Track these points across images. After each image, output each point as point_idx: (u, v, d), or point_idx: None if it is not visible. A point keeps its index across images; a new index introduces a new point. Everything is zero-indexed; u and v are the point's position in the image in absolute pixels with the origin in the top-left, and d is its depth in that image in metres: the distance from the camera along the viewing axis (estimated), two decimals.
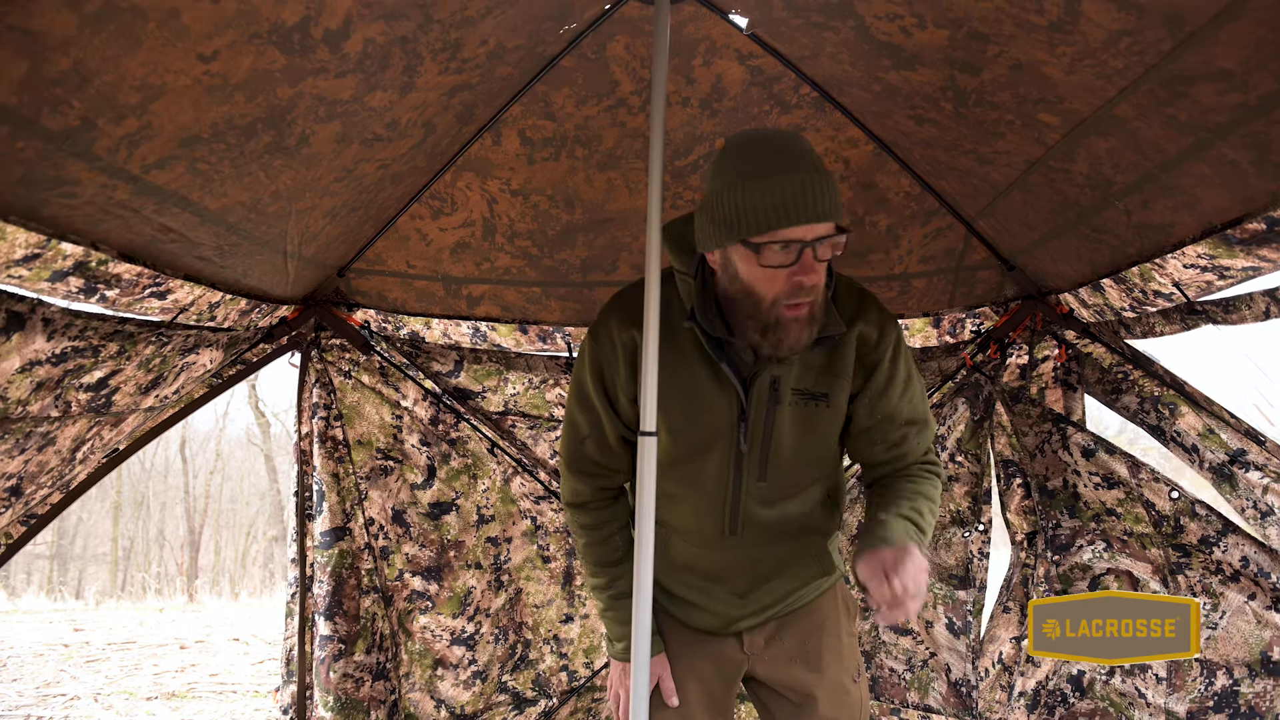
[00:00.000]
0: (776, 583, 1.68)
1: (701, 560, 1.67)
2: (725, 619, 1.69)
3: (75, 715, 4.53)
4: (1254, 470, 1.99)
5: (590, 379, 1.59)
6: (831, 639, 1.73)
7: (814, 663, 1.70)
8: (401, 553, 2.76)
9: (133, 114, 1.19)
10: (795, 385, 1.52)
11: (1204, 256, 1.64)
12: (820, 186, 1.30)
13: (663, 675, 1.67)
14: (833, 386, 1.54)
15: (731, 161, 1.34)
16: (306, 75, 1.43)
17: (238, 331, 2.10)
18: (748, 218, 1.30)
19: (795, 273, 1.34)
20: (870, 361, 1.55)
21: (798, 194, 1.28)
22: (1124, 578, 2.34)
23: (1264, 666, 2.05)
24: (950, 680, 2.82)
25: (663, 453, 1.57)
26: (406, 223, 2.48)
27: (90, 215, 1.30)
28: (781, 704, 1.73)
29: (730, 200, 1.31)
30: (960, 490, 2.79)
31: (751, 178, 1.30)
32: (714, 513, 1.60)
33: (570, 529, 1.77)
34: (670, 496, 1.62)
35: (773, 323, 1.38)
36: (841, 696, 1.71)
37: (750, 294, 1.38)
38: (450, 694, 2.82)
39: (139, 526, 19.73)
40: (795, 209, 1.29)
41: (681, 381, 1.53)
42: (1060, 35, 1.43)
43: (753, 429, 1.53)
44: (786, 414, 1.53)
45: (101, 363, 1.54)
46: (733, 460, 1.55)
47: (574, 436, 1.66)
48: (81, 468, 1.90)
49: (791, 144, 1.34)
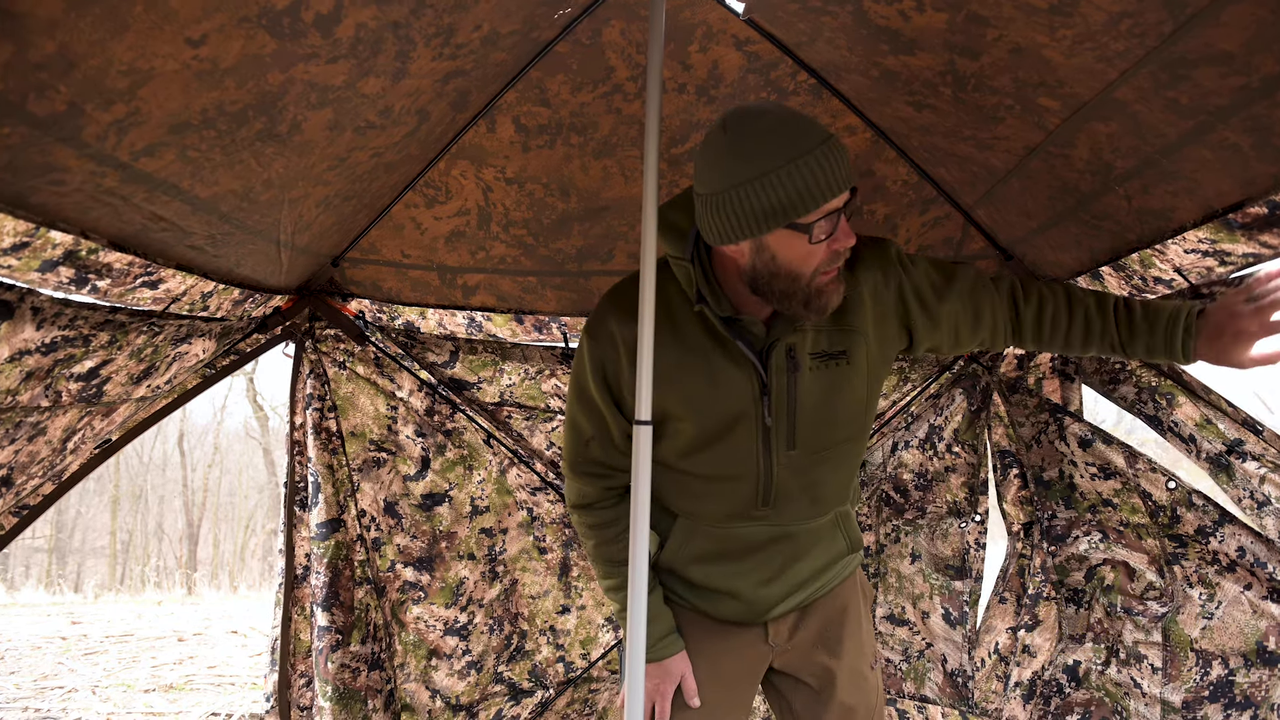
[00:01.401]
0: (806, 561, 1.67)
1: (732, 542, 1.64)
2: (754, 606, 1.67)
3: (73, 708, 4.53)
4: (1251, 460, 1.99)
5: (592, 379, 1.57)
6: (853, 625, 1.73)
7: (835, 648, 1.70)
8: (393, 544, 2.75)
9: (121, 99, 1.18)
10: (811, 349, 1.52)
11: (1205, 241, 1.63)
12: (843, 151, 1.32)
13: (685, 674, 1.65)
14: (849, 342, 1.54)
15: (750, 147, 1.31)
16: (297, 61, 1.41)
17: (231, 321, 2.09)
18: (794, 201, 1.29)
19: (834, 241, 1.35)
20: (897, 295, 1.56)
21: (835, 165, 1.30)
22: (1120, 568, 2.33)
23: (1260, 656, 2.05)
24: (946, 670, 2.82)
25: (685, 441, 1.56)
26: (401, 211, 2.47)
27: (79, 203, 1.29)
28: (799, 690, 1.72)
29: (767, 188, 1.29)
30: (957, 481, 2.78)
31: (788, 160, 1.28)
32: (745, 489, 1.59)
33: (577, 532, 1.76)
34: (694, 483, 1.61)
35: (814, 291, 1.39)
36: (860, 683, 1.71)
37: (791, 273, 1.37)
38: (445, 684, 2.82)
39: (137, 520, 19.74)
40: (835, 180, 1.30)
41: (693, 368, 1.52)
42: (1060, 18, 1.41)
43: (775, 400, 1.52)
44: (807, 379, 1.52)
45: (92, 352, 1.53)
46: (760, 434, 1.54)
47: (577, 439, 1.64)
48: (73, 458, 1.89)
49: (798, 115, 1.34)
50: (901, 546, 2.91)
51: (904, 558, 2.91)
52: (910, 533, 2.89)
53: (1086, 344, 1.63)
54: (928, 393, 2.83)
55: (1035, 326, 1.64)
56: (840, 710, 1.68)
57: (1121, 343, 1.60)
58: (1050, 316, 1.63)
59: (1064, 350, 1.66)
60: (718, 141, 1.35)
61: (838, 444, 1.60)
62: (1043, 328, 1.64)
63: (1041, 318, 1.63)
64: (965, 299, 1.60)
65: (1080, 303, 1.63)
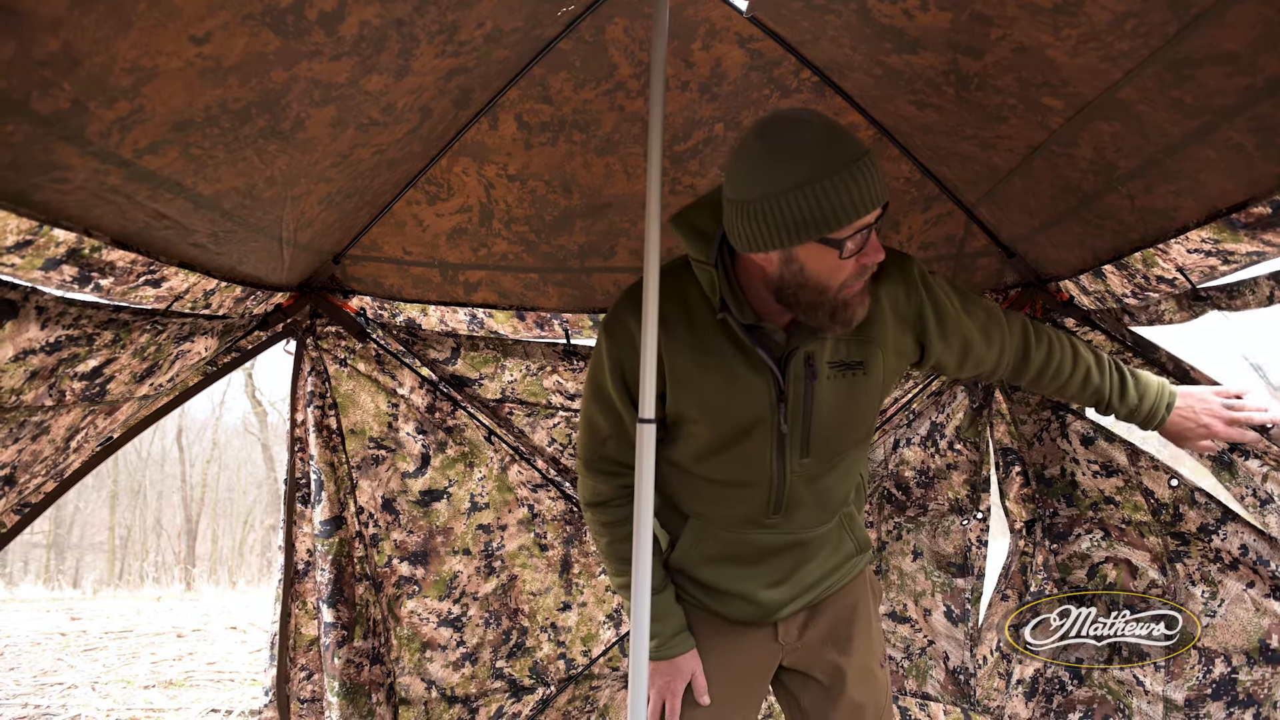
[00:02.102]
0: (815, 563, 1.68)
1: (743, 546, 1.65)
2: (764, 607, 1.67)
3: (73, 704, 4.53)
4: (1253, 458, 1.99)
5: (610, 378, 1.57)
6: (862, 623, 1.74)
7: (844, 646, 1.71)
8: (390, 539, 2.76)
9: (124, 97, 1.17)
10: (830, 358, 1.52)
11: (1208, 241, 1.63)
12: (876, 165, 1.31)
13: (695, 673, 1.66)
14: (867, 354, 1.54)
15: (787, 156, 1.29)
16: (301, 58, 1.41)
17: (233, 319, 2.08)
18: (828, 216, 1.28)
19: (863, 256, 1.35)
20: (917, 313, 1.58)
21: (869, 181, 1.29)
22: (1122, 566, 2.33)
23: (1262, 654, 2.05)
24: (948, 668, 2.82)
25: (700, 445, 1.56)
26: (403, 209, 2.46)
27: (82, 201, 1.29)
28: (808, 687, 1.72)
29: (803, 200, 1.28)
30: (959, 478, 2.79)
31: (825, 174, 1.27)
32: (758, 496, 1.59)
33: (591, 530, 1.76)
34: (708, 487, 1.61)
35: (841, 304, 1.39)
36: (869, 680, 1.72)
37: (819, 285, 1.37)
38: (440, 675, 2.83)
39: (136, 515, 19.74)
40: (870, 197, 1.29)
41: (712, 371, 1.52)
42: (1065, 17, 1.41)
43: (792, 408, 1.52)
44: (824, 387, 1.52)
45: (96, 351, 1.53)
46: (774, 441, 1.54)
47: (594, 438, 1.64)
48: (75, 456, 1.88)
49: (837, 126, 1.32)
50: (903, 544, 2.92)
51: (906, 555, 2.91)
52: (912, 530, 2.90)
53: (1077, 398, 1.77)
54: (930, 390, 2.83)
55: (1040, 371, 1.73)
56: (849, 707, 1.69)
57: (1110, 407, 1.75)
58: (1055, 366, 1.71)
59: (1048, 394, 1.78)
60: (753, 148, 1.33)
61: (847, 452, 1.62)
62: (1045, 374, 1.73)
63: (1048, 365, 1.72)
64: (979, 325, 1.64)
65: (1084, 360, 1.73)
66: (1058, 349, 1.72)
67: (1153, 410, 1.73)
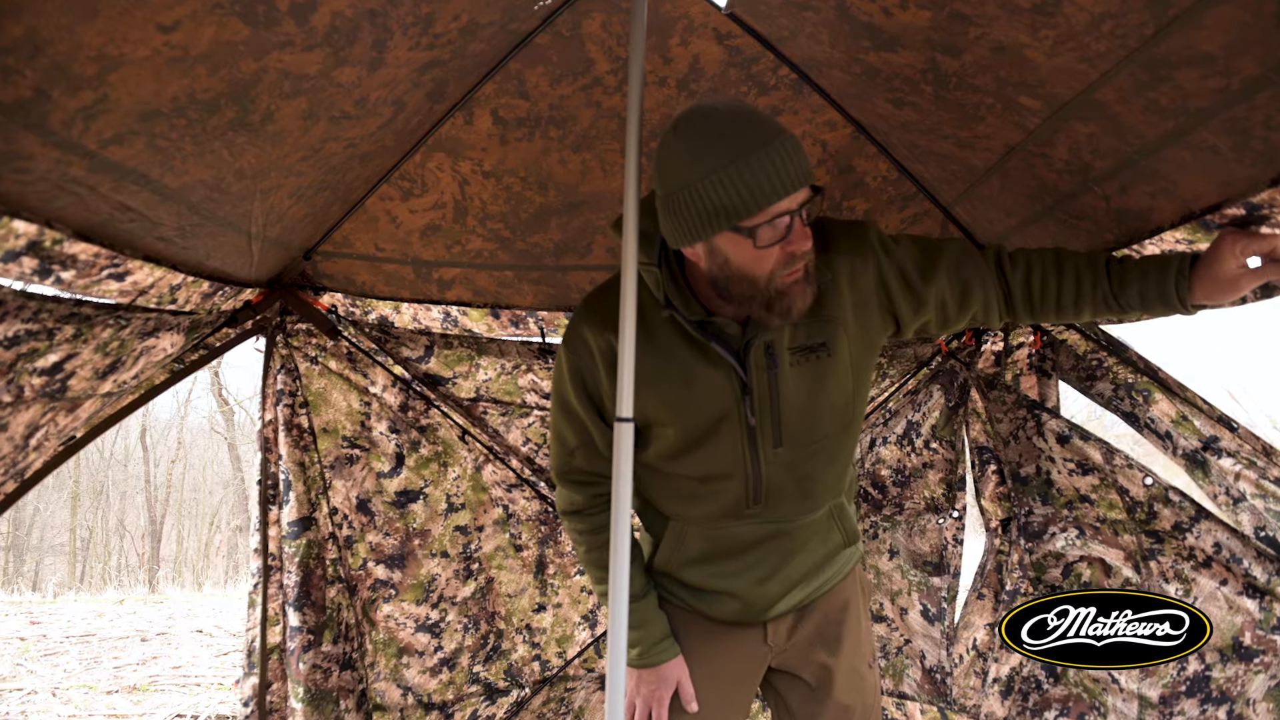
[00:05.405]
0: (803, 556, 1.65)
1: (725, 542, 1.62)
2: (753, 605, 1.65)
3: (33, 710, 4.43)
4: (1226, 457, 2.01)
5: (572, 390, 1.56)
6: (852, 622, 1.72)
7: (833, 646, 1.69)
8: (365, 541, 2.71)
9: (89, 86, 1.13)
10: (790, 344, 1.49)
11: (1182, 241, 1.64)
12: (794, 150, 1.27)
13: (682, 679, 1.63)
14: (828, 333, 1.51)
15: (697, 147, 1.28)
16: (271, 49, 1.37)
17: (200, 315, 2.04)
18: (735, 204, 1.26)
19: (788, 244, 1.31)
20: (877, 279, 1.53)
21: (779, 166, 1.25)
22: (1096, 564, 2.35)
23: (1235, 652, 2.08)
24: (925, 667, 2.83)
25: (671, 445, 1.54)
26: (375, 204, 2.42)
27: (44, 192, 1.24)
28: (796, 688, 1.71)
29: (710, 190, 1.26)
30: (935, 477, 2.80)
31: (728, 161, 1.25)
32: (734, 488, 1.57)
33: (570, 539, 1.75)
34: (683, 484, 1.59)
35: (775, 294, 1.35)
36: (857, 681, 1.70)
37: (746, 276, 1.34)
38: (417, 681, 2.78)
39: (98, 516, 19.37)
40: (780, 182, 1.25)
41: (670, 373, 1.50)
42: (1043, 18, 1.41)
43: (758, 399, 1.50)
44: (788, 375, 1.50)
45: (56, 346, 1.48)
46: (744, 434, 1.52)
47: (562, 450, 1.63)
48: (36, 455, 1.83)
49: (749, 113, 1.30)
50: (879, 543, 2.92)
51: (882, 554, 2.92)
52: (888, 529, 2.91)
53: (1079, 304, 1.56)
54: (906, 389, 2.84)
55: (1025, 292, 1.58)
56: (836, 709, 1.67)
57: (1114, 293, 1.52)
58: (1040, 280, 1.56)
59: (1058, 317, 1.59)
60: (669, 142, 1.33)
61: (827, 437, 1.59)
62: (1032, 292, 1.57)
63: (1030, 282, 1.57)
64: (952, 275, 1.56)
65: (1069, 260, 1.57)
66: (1038, 263, 1.57)
67: (1160, 281, 1.47)
